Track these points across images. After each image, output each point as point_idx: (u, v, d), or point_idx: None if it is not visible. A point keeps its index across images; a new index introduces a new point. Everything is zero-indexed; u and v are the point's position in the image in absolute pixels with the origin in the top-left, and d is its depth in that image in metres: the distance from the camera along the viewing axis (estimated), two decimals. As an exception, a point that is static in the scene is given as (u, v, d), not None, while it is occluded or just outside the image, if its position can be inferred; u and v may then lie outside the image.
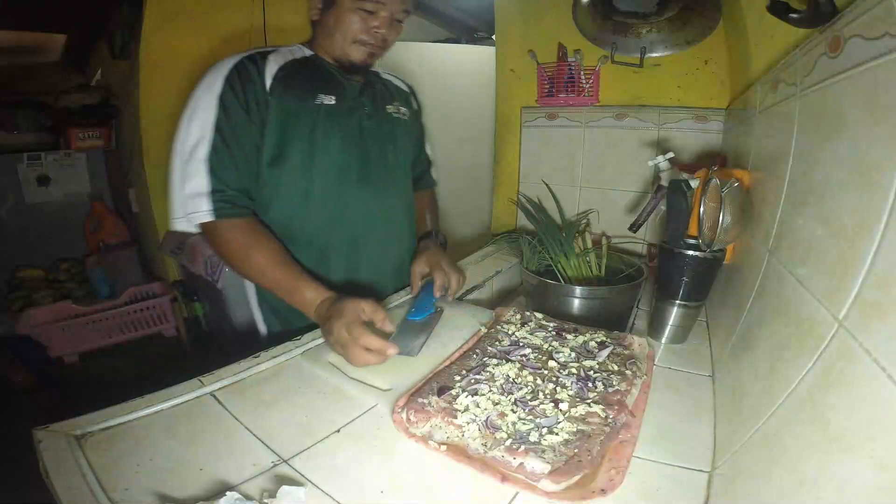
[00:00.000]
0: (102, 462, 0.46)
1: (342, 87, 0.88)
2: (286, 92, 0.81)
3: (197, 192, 0.75)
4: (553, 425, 0.50)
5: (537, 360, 0.64)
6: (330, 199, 0.87)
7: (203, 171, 0.75)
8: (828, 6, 0.45)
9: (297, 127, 0.82)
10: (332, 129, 0.85)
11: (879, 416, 0.27)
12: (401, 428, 0.53)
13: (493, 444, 0.48)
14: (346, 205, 0.88)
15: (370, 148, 0.91)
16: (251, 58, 0.80)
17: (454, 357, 0.67)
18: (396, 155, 0.96)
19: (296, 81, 0.83)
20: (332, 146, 0.85)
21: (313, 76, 0.86)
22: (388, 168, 0.94)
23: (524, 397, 0.56)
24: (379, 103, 0.94)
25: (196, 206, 0.75)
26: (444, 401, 0.55)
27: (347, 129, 0.88)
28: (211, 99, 0.76)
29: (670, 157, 0.88)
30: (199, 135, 0.76)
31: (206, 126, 0.76)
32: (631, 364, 0.63)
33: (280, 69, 0.82)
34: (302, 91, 0.83)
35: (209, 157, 0.76)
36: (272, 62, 0.82)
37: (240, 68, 0.78)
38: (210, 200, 0.75)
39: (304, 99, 0.83)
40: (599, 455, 0.47)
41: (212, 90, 0.77)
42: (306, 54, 0.87)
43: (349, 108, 0.88)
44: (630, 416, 0.53)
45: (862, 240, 0.34)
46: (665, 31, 1.12)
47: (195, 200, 0.76)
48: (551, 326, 0.74)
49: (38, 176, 2.27)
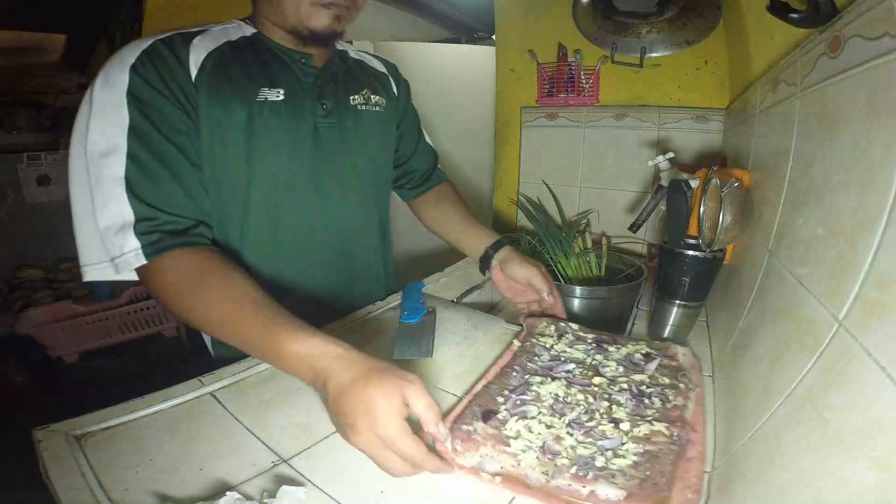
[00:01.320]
0: (102, 462, 0.46)
1: (292, 75, 0.69)
2: (216, 86, 0.62)
3: (118, 226, 0.55)
4: (617, 447, 0.47)
5: (583, 375, 0.61)
6: (276, 220, 0.70)
7: (120, 195, 0.55)
8: (828, 6, 0.45)
9: (229, 132, 0.64)
10: (276, 133, 0.67)
11: (879, 416, 0.27)
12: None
13: (556, 472, 0.45)
14: (295, 225, 0.72)
15: (326, 151, 0.73)
16: (166, 41, 0.61)
17: (490, 375, 0.62)
18: (364, 158, 0.79)
19: (229, 71, 0.64)
20: (276, 155, 0.68)
21: (254, 63, 0.67)
22: (347, 175, 0.77)
23: (579, 418, 0.52)
24: (341, 93, 0.75)
25: (120, 245, 0.55)
26: (492, 426, 0.51)
27: (297, 130, 0.70)
28: (115, 98, 0.56)
29: (670, 157, 0.88)
30: (107, 147, 0.56)
31: (115, 134, 0.56)
32: (682, 376, 0.60)
33: (208, 56, 0.63)
34: (237, 84, 0.64)
35: (127, 175, 0.55)
36: (198, 47, 0.63)
37: (151, 54, 0.59)
38: (137, 235, 0.55)
39: (239, 94, 0.64)
40: (672, 476, 0.44)
41: (114, 87, 0.56)
42: (245, 34, 0.68)
43: (300, 103, 0.70)
44: (693, 432, 0.51)
45: (862, 240, 0.33)
46: (665, 31, 1.12)
47: (118, 238, 0.55)
48: (590, 338, 0.70)
49: (38, 176, 2.27)
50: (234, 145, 0.65)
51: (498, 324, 0.81)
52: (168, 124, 0.59)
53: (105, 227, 0.56)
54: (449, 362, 0.68)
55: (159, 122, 0.58)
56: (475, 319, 0.81)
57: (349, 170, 0.77)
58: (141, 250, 0.55)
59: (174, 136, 0.59)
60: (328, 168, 0.74)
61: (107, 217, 0.56)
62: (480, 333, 0.77)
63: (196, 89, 0.61)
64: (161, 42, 0.61)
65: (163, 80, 0.59)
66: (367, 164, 0.80)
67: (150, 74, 0.58)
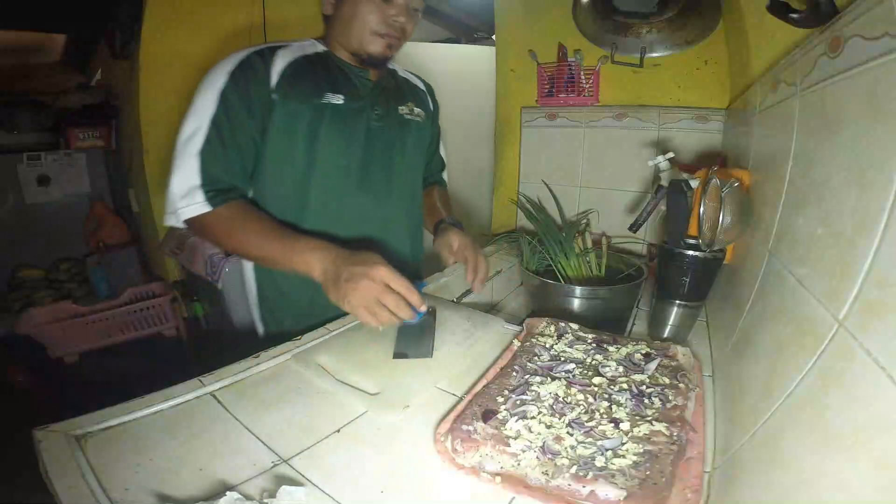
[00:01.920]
0: (102, 462, 0.46)
1: (353, 85, 0.85)
2: (291, 90, 0.79)
3: (188, 187, 0.73)
4: (617, 447, 0.48)
5: (583, 375, 0.61)
6: (327, 204, 0.84)
7: (195, 165, 0.74)
8: (828, 6, 0.45)
9: (299, 126, 0.80)
10: (335, 131, 0.82)
11: (879, 416, 0.27)
12: (446, 459, 0.49)
13: (556, 472, 0.45)
14: (343, 210, 0.86)
15: (375, 151, 0.87)
16: (259, 53, 0.78)
17: (490, 375, 0.63)
18: (403, 159, 0.93)
19: (303, 79, 0.80)
20: (334, 148, 0.83)
21: (322, 73, 0.83)
22: (392, 173, 0.91)
23: (579, 418, 0.52)
24: (391, 104, 0.91)
25: (186, 200, 0.73)
26: (492, 426, 0.51)
27: (352, 130, 0.84)
28: (213, 93, 0.75)
29: (670, 157, 0.88)
30: (195, 127, 0.74)
31: (204, 120, 0.74)
32: (682, 376, 0.60)
33: (288, 66, 0.79)
34: (308, 89, 0.80)
35: (201, 151, 0.74)
36: (280, 58, 0.79)
37: (245, 64, 0.77)
38: (201, 193, 0.74)
39: (309, 97, 0.80)
40: (672, 476, 0.44)
41: (215, 85, 0.75)
42: (318, 50, 0.85)
43: (358, 108, 0.85)
44: (693, 432, 0.51)
45: (862, 240, 0.33)
46: (665, 31, 1.12)
47: (186, 195, 0.73)
48: (590, 338, 0.71)
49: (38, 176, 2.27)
50: (301, 138, 0.80)
51: (498, 324, 0.81)
52: (240, 124, 0.76)
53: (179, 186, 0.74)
54: (449, 362, 0.68)
55: (234, 120, 0.76)
56: (475, 319, 0.81)
57: (393, 167, 0.91)
58: (202, 203, 0.74)
59: (239, 132, 0.77)
60: (376, 164, 0.88)
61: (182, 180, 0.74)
62: (480, 333, 0.77)
63: (274, 93, 0.78)
64: (256, 54, 0.78)
65: (248, 89, 0.76)
66: (407, 165, 0.94)
67: (240, 82, 0.76)
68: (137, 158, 1.93)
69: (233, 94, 0.75)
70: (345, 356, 0.69)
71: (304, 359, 0.68)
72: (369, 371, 0.65)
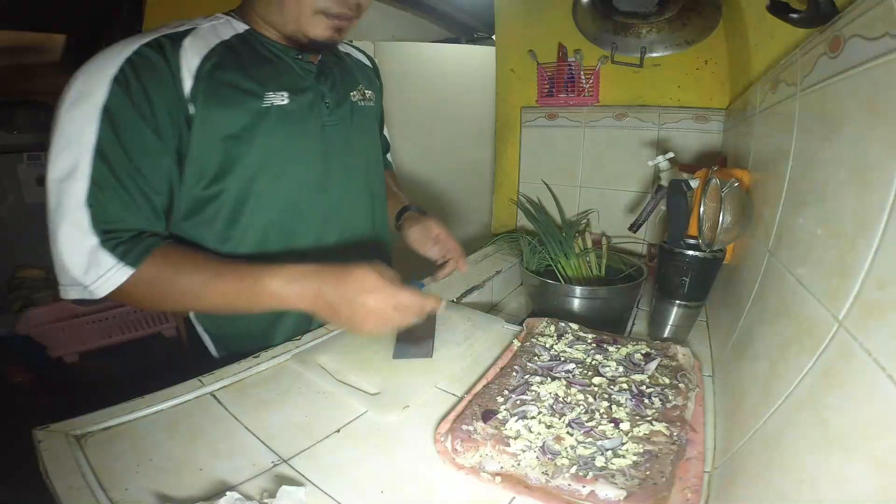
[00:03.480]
0: (102, 462, 0.46)
1: (294, 74, 0.66)
2: (215, 95, 0.58)
3: (86, 253, 0.53)
4: (617, 447, 0.48)
5: (583, 375, 0.61)
6: (282, 221, 0.69)
7: (83, 218, 0.53)
8: (828, 6, 0.45)
9: (232, 142, 0.61)
10: (283, 139, 0.65)
11: (879, 416, 0.27)
12: (446, 459, 0.49)
13: (556, 472, 0.45)
14: (300, 221, 0.71)
15: (332, 151, 0.71)
16: (155, 45, 0.56)
17: (490, 375, 0.63)
18: (364, 152, 0.79)
19: (228, 76, 0.60)
20: (285, 160, 0.66)
21: (252, 64, 0.63)
22: (353, 170, 0.77)
23: (579, 418, 0.52)
24: (340, 90, 0.73)
25: (93, 273, 0.53)
26: (492, 426, 0.51)
27: (304, 134, 0.67)
28: (89, 111, 0.52)
29: (670, 157, 0.88)
30: (71, 166, 0.52)
31: (83, 152, 0.52)
32: (682, 376, 0.60)
33: (204, 60, 0.59)
34: (239, 90, 0.60)
35: (88, 197, 0.53)
36: (189, 50, 0.58)
37: (136, 63, 0.54)
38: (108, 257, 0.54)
39: (243, 102, 0.61)
40: (672, 476, 0.45)
41: (89, 99, 0.52)
42: (238, 31, 0.64)
43: (306, 104, 0.67)
44: (693, 432, 0.51)
45: (862, 240, 0.33)
46: (665, 31, 1.12)
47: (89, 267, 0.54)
48: (590, 338, 0.71)
49: (38, 176, 2.27)
50: (240, 158, 0.62)
51: (498, 324, 0.81)
52: (140, 146, 0.55)
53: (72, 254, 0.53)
54: (449, 362, 0.68)
55: (130, 143, 0.54)
56: (475, 319, 0.81)
57: (353, 168, 0.77)
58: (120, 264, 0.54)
59: (141, 160, 0.56)
60: (335, 167, 0.73)
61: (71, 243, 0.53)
62: (480, 333, 0.77)
63: (192, 101, 0.58)
64: (148, 48, 0.55)
65: (146, 97, 0.54)
66: (367, 158, 0.81)
67: (134, 89, 0.54)
68: (137, 158, 1.93)
69: (123, 109, 0.53)
70: (345, 356, 0.69)
71: (304, 359, 0.68)
72: (369, 371, 0.65)
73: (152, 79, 0.55)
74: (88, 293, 0.55)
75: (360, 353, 0.70)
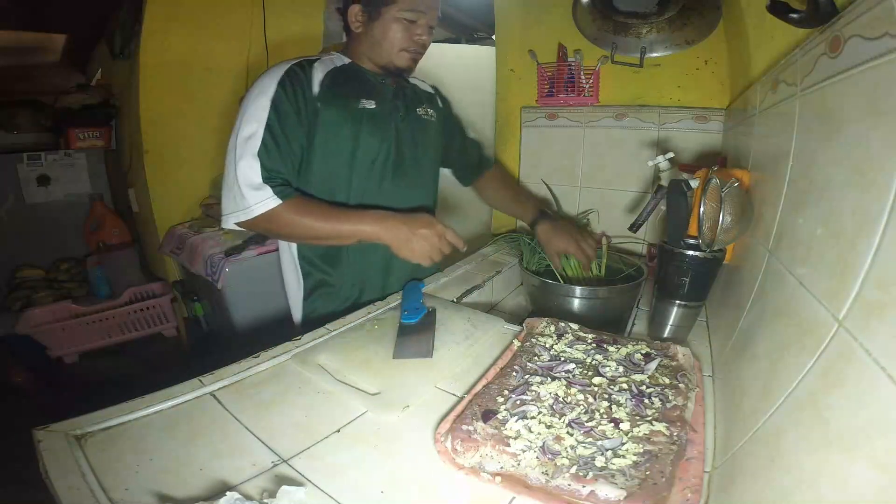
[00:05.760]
0: (102, 462, 0.46)
1: (380, 92, 0.98)
2: (332, 97, 0.90)
3: (256, 184, 0.83)
4: (617, 447, 0.48)
5: (583, 375, 0.61)
6: (365, 194, 0.97)
7: (255, 165, 0.83)
8: (828, 6, 0.45)
9: (341, 129, 0.92)
10: (371, 131, 0.95)
11: (879, 416, 0.27)
12: (446, 459, 0.49)
13: (556, 472, 0.45)
14: (382, 196, 0.98)
15: (402, 147, 1.00)
16: (300, 65, 0.90)
17: (490, 375, 0.63)
18: (426, 152, 1.07)
19: (340, 88, 0.93)
20: (371, 146, 0.95)
21: (354, 83, 0.96)
22: (417, 164, 1.04)
23: (579, 418, 0.52)
24: (410, 106, 1.04)
25: (258, 196, 0.82)
26: (492, 426, 0.51)
27: (384, 130, 0.97)
28: (265, 100, 0.85)
29: (670, 157, 0.88)
30: (251, 131, 0.84)
31: (260, 125, 0.84)
32: (682, 376, 0.60)
33: (325, 76, 0.91)
34: (346, 97, 0.93)
35: (259, 153, 0.84)
36: (318, 70, 0.91)
37: (291, 74, 0.87)
38: (269, 189, 0.83)
39: (348, 104, 0.93)
40: (672, 476, 0.44)
41: (266, 93, 0.85)
42: (345, 62, 0.97)
43: (386, 111, 0.97)
44: (693, 432, 0.51)
45: (862, 240, 0.33)
46: (665, 31, 1.12)
47: (257, 192, 0.82)
48: (590, 338, 0.71)
49: (38, 176, 2.26)
50: (344, 139, 0.93)
51: (498, 324, 0.81)
52: (290, 128, 0.87)
53: (244, 185, 0.83)
54: (449, 362, 0.68)
55: (285, 125, 0.86)
56: (475, 319, 0.81)
57: (418, 159, 1.04)
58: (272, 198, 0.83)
59: (290, 136, 0.87)
60: (404, 157, 1.01)
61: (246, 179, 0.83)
62: (480, 333, 0.77)
63: (317, 100, 0.89)
64: (297, 66, 0.90)
65: (296, 96, 0.87)
66: (428, 157, 1.08)
67: (289, 90, 0.86)
68: (137, 158, 1.93)
69: (283, 102, 0.86)
70: (345, 356, 0.69)
71: (304, 359, 0.68)
72: (369, 371, 0.65)
73: (299, 85, 0.88)
74: (245, 214, 0.83)
75: (360, 353, 0.70)
